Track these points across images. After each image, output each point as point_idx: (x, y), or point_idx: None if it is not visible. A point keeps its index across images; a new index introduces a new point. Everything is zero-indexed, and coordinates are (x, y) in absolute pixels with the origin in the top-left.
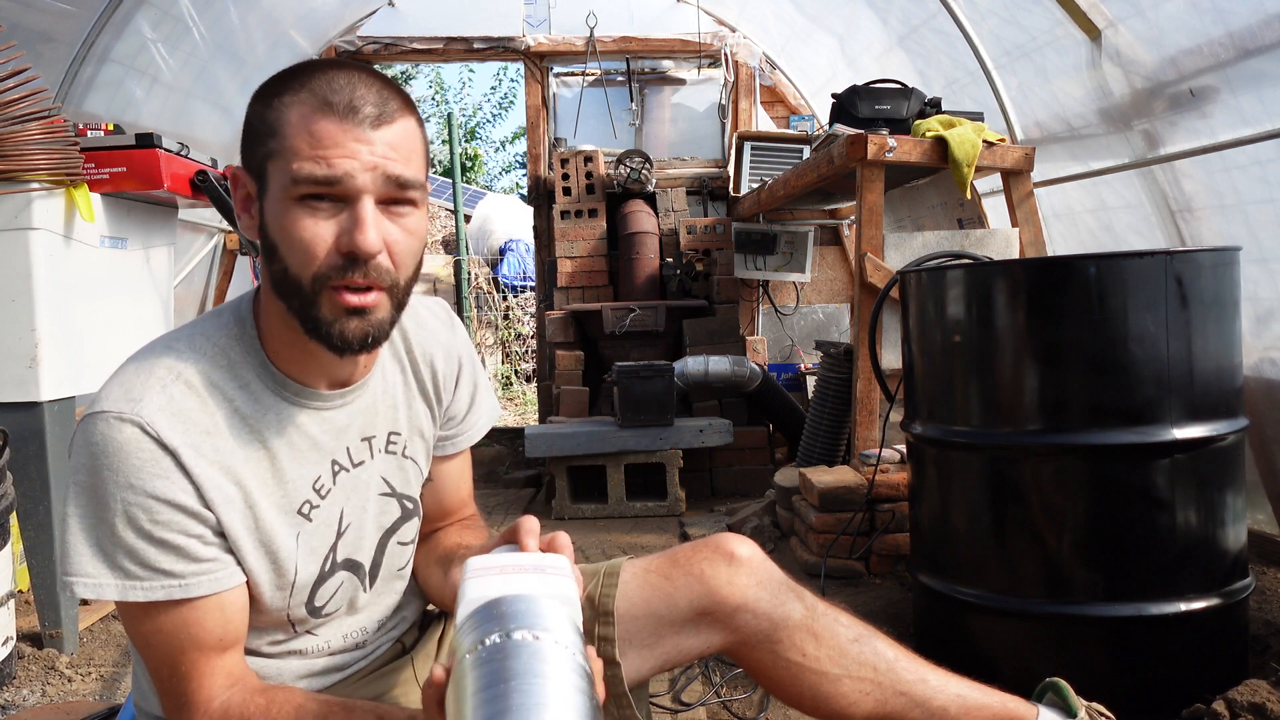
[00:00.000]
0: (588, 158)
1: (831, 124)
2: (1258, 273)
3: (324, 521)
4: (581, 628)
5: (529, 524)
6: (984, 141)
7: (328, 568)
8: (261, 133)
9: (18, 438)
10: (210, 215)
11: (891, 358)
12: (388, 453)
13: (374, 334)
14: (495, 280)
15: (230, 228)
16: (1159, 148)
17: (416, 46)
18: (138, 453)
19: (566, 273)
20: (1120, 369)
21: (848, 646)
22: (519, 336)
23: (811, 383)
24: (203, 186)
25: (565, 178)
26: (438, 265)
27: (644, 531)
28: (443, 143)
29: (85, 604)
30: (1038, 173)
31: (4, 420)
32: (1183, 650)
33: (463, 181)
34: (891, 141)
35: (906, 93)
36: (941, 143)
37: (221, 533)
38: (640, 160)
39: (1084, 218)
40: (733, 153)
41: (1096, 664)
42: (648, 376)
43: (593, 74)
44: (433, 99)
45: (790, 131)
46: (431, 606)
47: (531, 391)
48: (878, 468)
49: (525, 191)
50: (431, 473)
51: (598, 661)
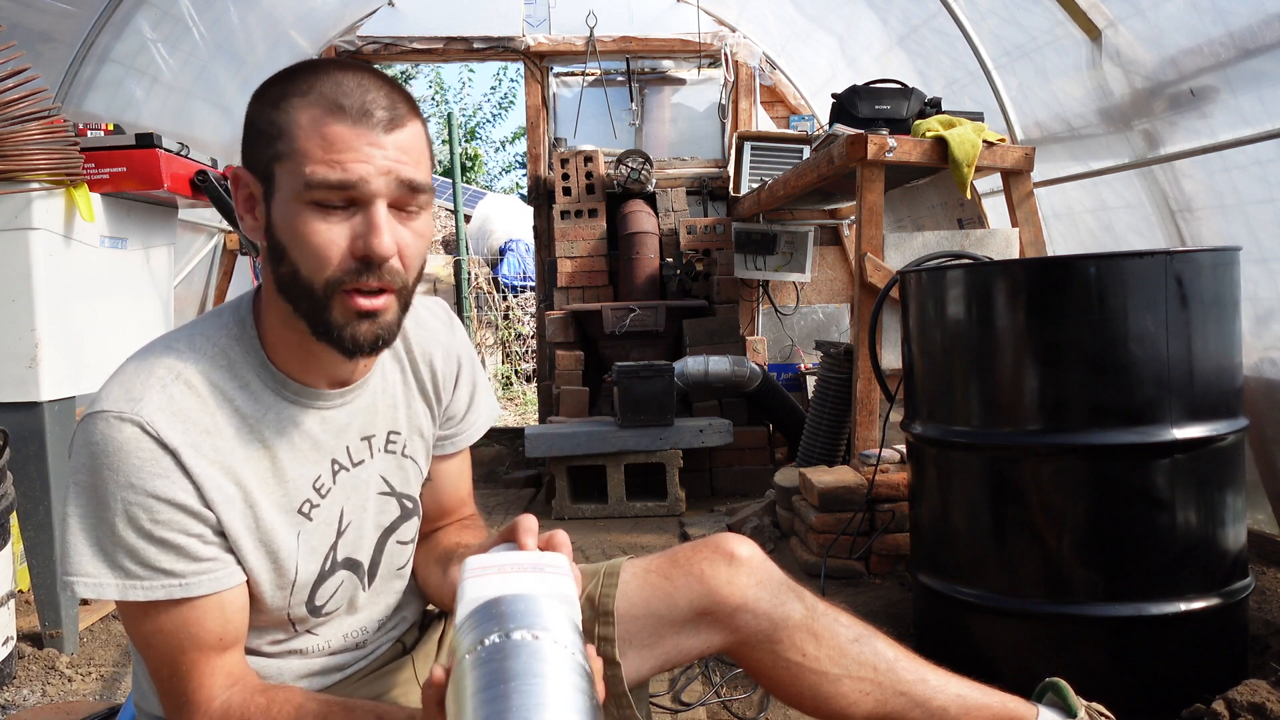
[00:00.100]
0: (588, 158)
1: (831, 124)
2: (1258, 273)
3: (324, 521)
4: (581, 626)
5: (527, 523)
6: (984, 141)
7: (328, 567)
8: (268, 134)
9: (18, 438)
10: (210, 215)
11: (891, 358)
12: (387, 452)
13: (384, 336)
14: (495, 280)
15: (230, 228)
16: (1159, 148)
17: (416, 46)
18: (138, 452)
19: (566, 273)
20: (1120, 369)
21: (848, 646)
22: (519, 336)
23: (811, 383)
24: (203, 186)
25: (565, 178)
26: (438, 265)
27: (644, 531)
28: (443, 143)
29: (85, 604)
30: (1038, 173)
31: (4, 420)
32: (1183, 650)
33: (463, 181)
34: (891, 141)
35: (906, 93)
36: (941, 143)
37: (222, 532)
38: (640, 160)
39: (1084, 218)
40: (733, 153)
41: (1096, 664)
42: (648, 376)
43: (593, 74)
44: (433, 99)
45: (790, 131)
46: (432, 606)
47: (531, 391)
48: (878, 468)
49: (525, 191)
50: (431, 472)
51: (597, 660)
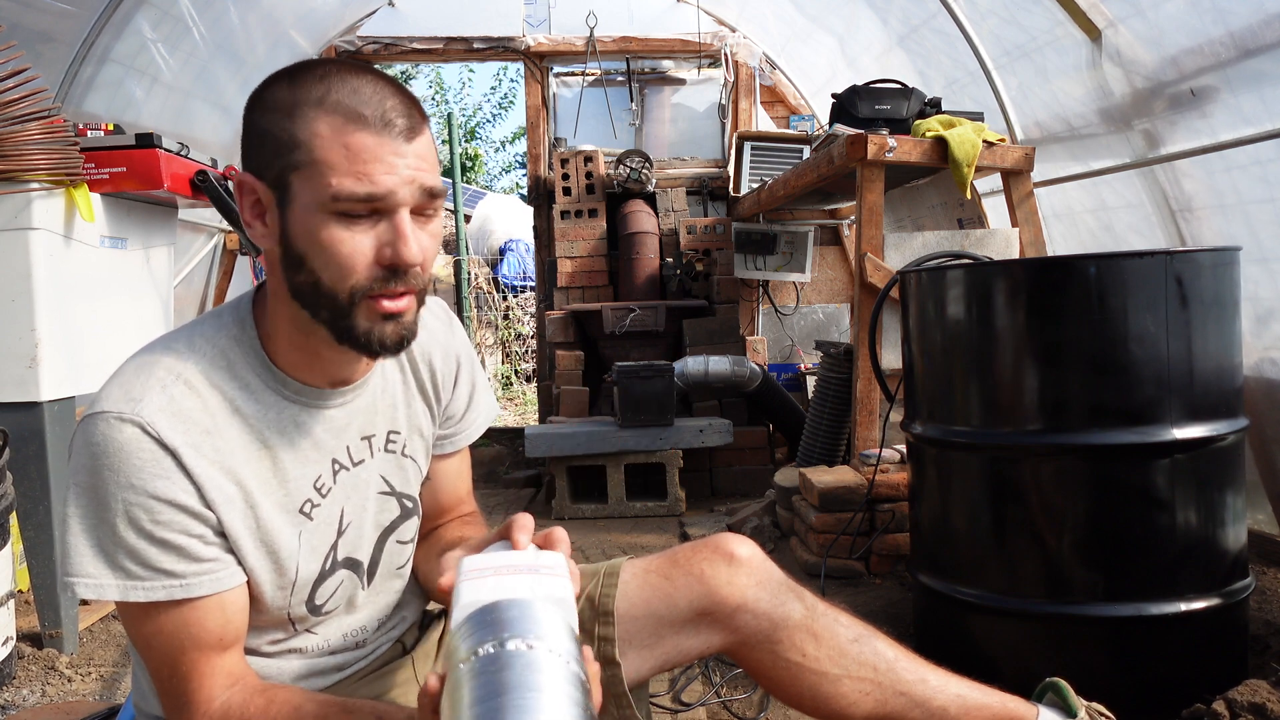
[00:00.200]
0: (588, 158)
1: (831, 124)
2: (1258, 272)
3: (325, 520)
4: (577, 629)
5: (522, 521)
6: (984, 141)
7: (328, 566)
8: (282, 142)
9: (18, 438)
10: (210, 215)
11: (891, 358)
12: (387, 451)
13: (407, 335)
14: (495, 280)
15: (230, 228)
16: (1159, 147)
17: (416, 46)
18: (138, 453)
19: (566, 273)
20: (1120, 369)
21: (848, 646)
22: (519, 336)
23: (811, 383)
24: (203, 186)
25: (565, 178)
26: (438, 265)
27: (644, 531)
28: (443, 143)
29: (85, 604)
30: (1038, 173)
31: (4, 420)
32: (1183, 650)
33: (463, 181)
34: (891, 141)
35: (906, 93)
36: (941, 143)
37: (222, 533)
38: (640, 160)
39: (1084, 218)
40: (733, 153)
41: (1096, 664)
42: (648, 376)
43: (593, 74)
44: (433, 99)
45: (790, 131)
46: (432, 606)
47: (531, 391)
48: (878, 468)
49: (525, 191)
50: (431, 471)
51: (594, 665)
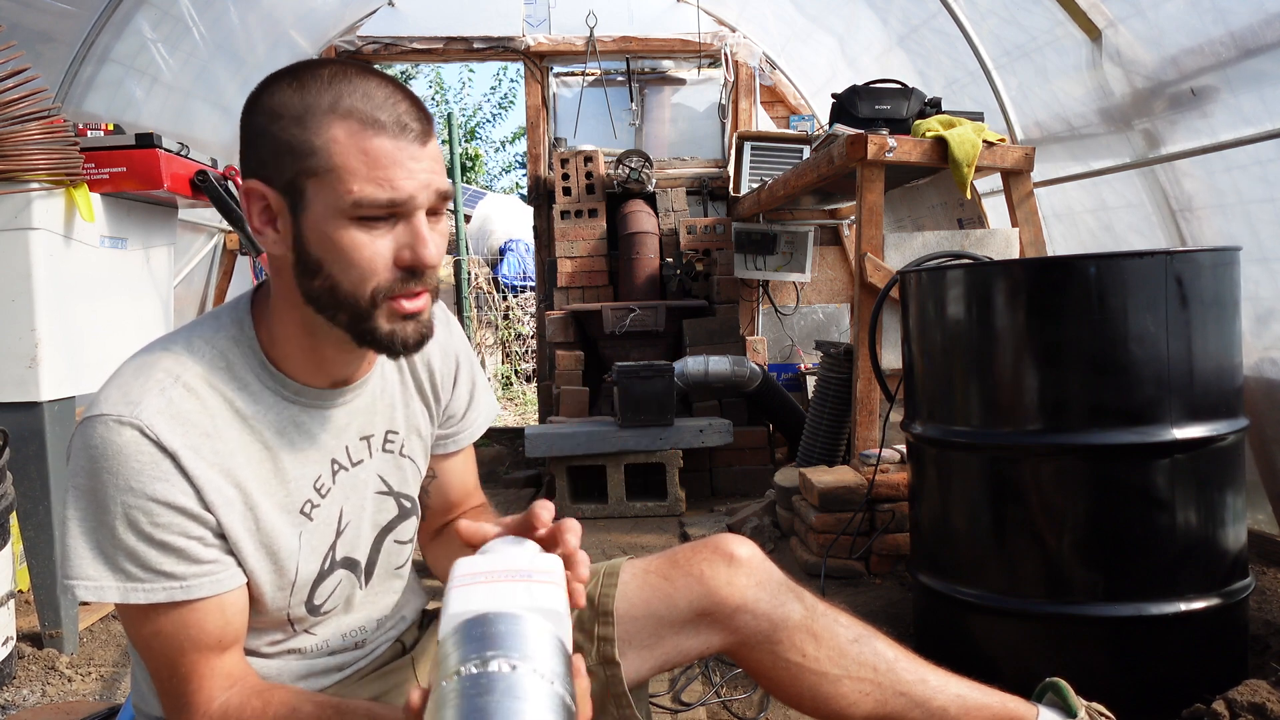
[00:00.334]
0: (588, 158)
1: (831, 124)
2: (1258, 272)
3: (324, 520)
4: (570, 640)
5: (543, 504)
6: (984, 141)
7: (327, 566)
8: (293, 148)
9: (18, 438)
10: (210, 215)
11: (891, 358)
12: (385, 451)
13: (427, 333)
14: (495, 280)
15: (230, 228)
16: (1159, 147)
17: (416, 46)
18: (137, 455)
19: (566, 273)
20: (1120, 369)
21: (847, 647)
22: (519, 336)
23: (811, 383)
24: (203, 186)
25: (565, 178)
26: None
27: (644, 531)
28: (443, 143)
29: (85, 604)
30: (1038, 173)
31: (4, 420)
32: (1183, 650)
33: (463, 181)
34: (891, 141)
35: (906, 93)
36: (941, 143)
37: (222, 534)
38: (640, 160)
39: (1084, 218)
40: (733, 153)
41: (1096, 664)
42: (648, 376)
43: (593, 74)
44: (433, 99)
45: (790, 131)
46: (432, 605)
47: (531, 391)
48: (878, 468)
49: (525, 191)
50: (437, 470)
51: (584, 680)
